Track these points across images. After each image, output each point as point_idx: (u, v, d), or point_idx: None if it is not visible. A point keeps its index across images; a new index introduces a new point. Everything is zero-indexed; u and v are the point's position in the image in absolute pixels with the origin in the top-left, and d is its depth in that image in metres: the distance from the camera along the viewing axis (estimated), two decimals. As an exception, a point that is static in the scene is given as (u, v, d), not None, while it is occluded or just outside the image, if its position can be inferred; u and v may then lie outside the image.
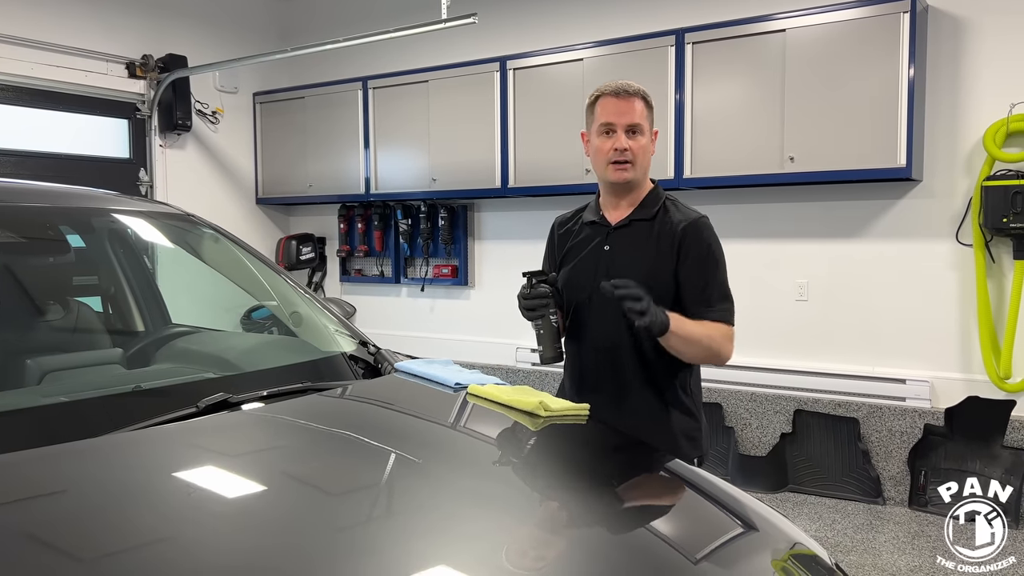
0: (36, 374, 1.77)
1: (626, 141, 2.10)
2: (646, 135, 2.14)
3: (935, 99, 4.06)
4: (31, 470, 1.39)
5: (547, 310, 2.09)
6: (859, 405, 4.28)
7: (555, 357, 2.13)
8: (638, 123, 2.11)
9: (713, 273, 2.11)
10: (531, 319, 2.12)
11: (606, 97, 2.13)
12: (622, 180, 2.14)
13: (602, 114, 2.13)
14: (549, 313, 2.09)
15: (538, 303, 2.10)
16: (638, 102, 2.12)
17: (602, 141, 2.14)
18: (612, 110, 2.11)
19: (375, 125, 5.56)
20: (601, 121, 2.13)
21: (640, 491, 1.77)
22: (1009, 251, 3.93)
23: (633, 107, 2.11)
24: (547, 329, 2.09)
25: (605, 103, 2.13)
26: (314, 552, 1.19)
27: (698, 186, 4.43)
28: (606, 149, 2.13)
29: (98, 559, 1.18)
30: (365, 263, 6.12)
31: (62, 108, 5.28)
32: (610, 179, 2.15)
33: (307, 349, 2.29)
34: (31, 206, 2.16)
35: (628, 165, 2.12)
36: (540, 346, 2.11)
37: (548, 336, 2.10)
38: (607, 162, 2.13)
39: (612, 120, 2.11)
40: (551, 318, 2.09)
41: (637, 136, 2.12)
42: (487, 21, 4.58)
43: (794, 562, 1.52)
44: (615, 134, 2.11)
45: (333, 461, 1.59)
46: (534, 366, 5.24)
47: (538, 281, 2.11)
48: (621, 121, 2.11)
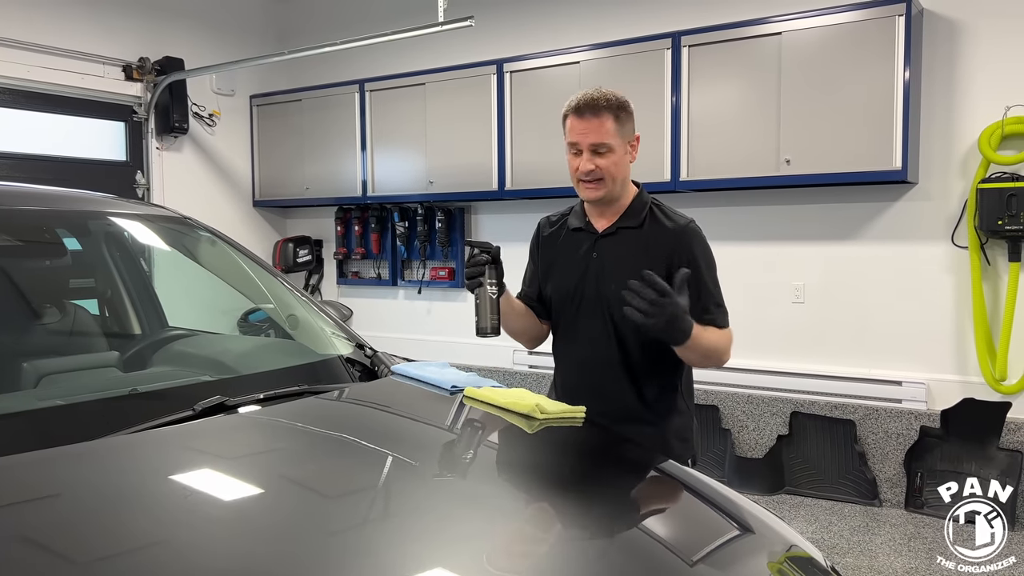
0: (32, 377, 1.77)
1: (591, 162, 2.07)
2: (616, 151, 2.08)
3: (930, 102, 4.08)
4: (27, 473, 1.39)
5: (484, 279, 2.07)
6: (855, 407, 4.29)
7: (490, 329, 2.08)
8: (603, 142, 2.06)
9: (707, 279, 2.11)
10: (469, 288, 2.11)
11: (571, 116, 2.10)
12: (593, 198, 2.13)
13: (569, 133, 2.11)
14: (487, 283, 2.07)
15: (475, 271, 2.08)
16: (606, 119, 2.05)
17: (571, 159, 2.12)
18: (577, 129, 2.08)
19: (372, 128, 5.56)
20: (568, 140, 2.12)
21: (636, 494, 1.77)
22: (1004, 253, 3.94)
23: (599, 126, 2.06)
24: (483, 299, 2.08)
25: (571, 122, 2.10)
26: (310, 556, 1.19)
27: (694, 188, 4.43)
28: (574, 167, 2.11)
29: (94, 563, 1.18)
30: (362, 266, 6.12)
31: (59, 111, 5.27)
32: (583, 197, 2.16)
33: (304, 352, 2.29)
34: (28, 209, 2.16)
35: (599, 183, 2.09)
36: (476, 315, 2.10)
37: (484, 307, 2.08)
38: (577, 180, 2.13)
39: (576, 140, 2.09)
40: (488, 289, 2.08)
41: (606, 154, 2.08)
42: (484, 24, 4.58)
43: (790, 564, 1.52)
44: (581, 154, 2.09)
45: (329, 464, 1.59)
46: (531, 368, 5.25)
47: (479, 251, 2.09)
48: (585, 141, 2.07)
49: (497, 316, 2.09)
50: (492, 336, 2.09)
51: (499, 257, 2.10)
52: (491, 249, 2.09)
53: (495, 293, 2.09)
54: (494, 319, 2.08)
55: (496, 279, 2.09)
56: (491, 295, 2.08)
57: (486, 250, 2.09)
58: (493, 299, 2.08)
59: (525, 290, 2.35)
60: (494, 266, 2.09)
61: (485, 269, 2.08)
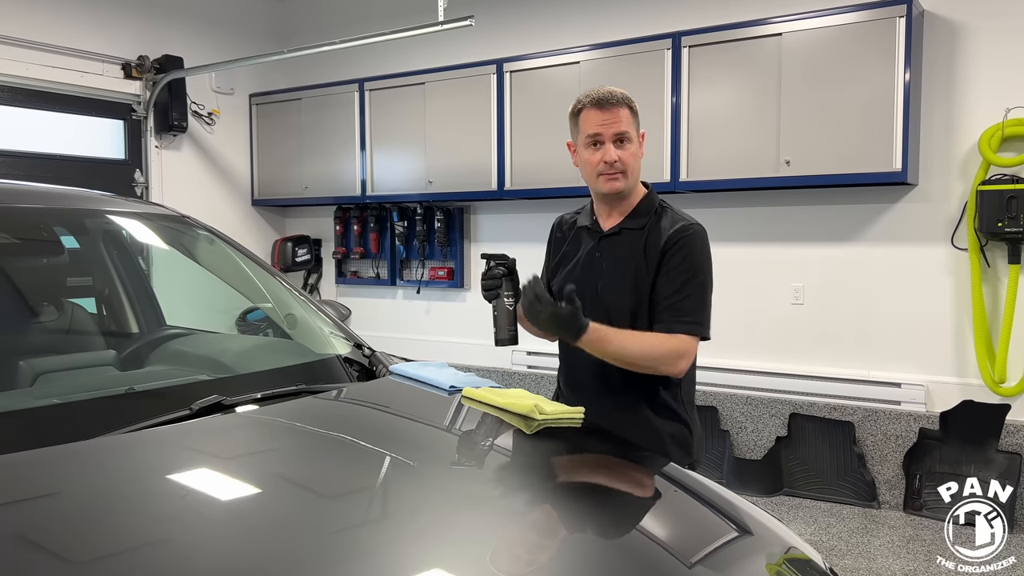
0: (29, 376, 1.77)
1: (615, 152, 2.07)
2: (635, 142, 2.10)
3: (931, 103, 4.07)
4: (23, 472, 1.39)
5: (500, 291, 2.10)
6: (854, 409, 4.29)
7: (508, 340, 2.11)
8: (625, 131, 2.07)
9: (687, 282, 2.04)
10: (487, 299, 2.13)
11: (589, 109, 2.09)
12: (614, 190, 2.11)
13: (587, 126, 2.09)
14: (504, 295, 2.10)
15: (491, 284, 2.10)
16: (623, 110, 2.06)
17: (591, 153, 2.10)
18: (597, 121, 2.07)
19: (371, 127, 5.55)
20: (587, 133, 2.09)
21: (634, 495, 1.77)
22: (1004, 255, 3.94)
23: (619, 116, 2.06)
24: (501, 311, 2.10)
25: (588, 115, 2.09)
26: (307, 556, 1.19)
27: (694, 190, 4.43)
28: (595, 161, 2.09)
29: (90, 562, 1.18)
30: (361, 265, 6.11)
31: (57, 109, 5.26)
32: (602, 190, 2.12)
33: (302, 351, 2.29)
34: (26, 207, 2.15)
35: (619, 175, 2.09)
36: (495, 327, 2.12)
37: (502, 318, 2.11)
38: (597, 174, 2.10)
39: (599, 131, 2.07)
40: (505, 300, 2.10)
41: (626, 145, 2.08)
42: (484, 23, 4.58)
43: (789, 566, 1.52)
44: (603, 146, 2.07)
45: (327, 464, 1.58)
46: (530, 369, 5.24)
47: (496, 264, 2.11)
48: (608, 132, 2.06)
49: (515, 326, 2.12)
50: (510, 345, 2.12)
51: (515, 268, 2.13)
52: (507, 261, 2.12)
53: (512, 304, 2.11)
54: (511, 329, 2.11)
55: (513, 290, 2.11)
56: (508, 306, 2.11)
57: (502, 263, 2.11)
58: (510, 310, 2.11)
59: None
60: (510, 277, 2.11)
61: (502, 282, 2.10)
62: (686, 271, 2.05)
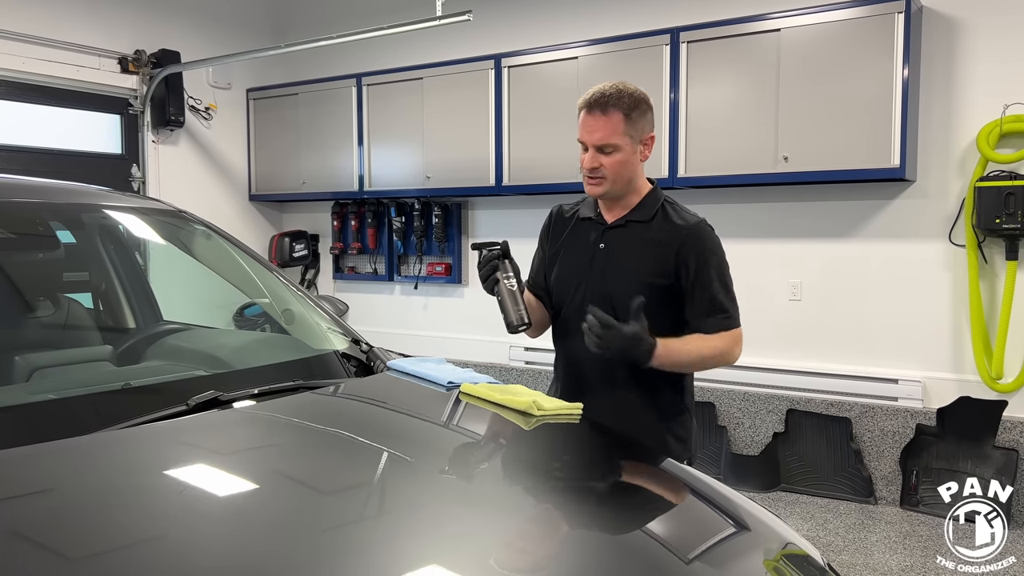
0: (25, 371, 1.76)
1: (595, 159, 2.07)
2: (624, 150, 2.07)
3: (929, 99, 4.07)
4: (18, 468, 1.38)
5: (499, 274, 2.06)
6: (851, 405, 4.29)
7: (518, 322, 2.06)
8: (608, 143, 2.05)
9: (714, 281, 2.08)
10: (488, 290, 2.10)
11: (583, 111, 2.10)
12: (594, 195, 2.14)
13: (579, 128, 2.11)
14: (503, 278, 2.06)
15: (488, 268, 2.07)
16: (614, 116, 2.05)
17: (581, 154, 2.13)
18: (585, 126, 2.09)
19: (369, 122, 5.54)
20: (578, 136, 2.12)
21: (632, 490, 1.76)
22: (1001, 252, 3.94)
23: (607, 124, 2.05)
24: (504, 294, 2.06)
25: (582, 117, 2.10)
26: (304, 552, 1.19)
27: (692, 185, 4.43)
28: (582, 164, 2.11)
29: (86, 559, 1.17)
30: (358, 260, 6.11)
31: (54, 103, 5.24)
32: (586, 191, 2.16)
33: (299, 347, 2.28)
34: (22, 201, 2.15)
35: (601, 180, 2.09)
36: (503, 313, 2.08)
37: (508, 301, 2.06)
38: (583, 175, 2.13)
39: (583, 139, 2.09)
40: (506, 283, 2.06)
41: (611, 153, 2.07)
42: (482, 18, 4.57)
43: (786, 562, 1.52)
44: (588, 151, 2.09)
45: (324, 460, 1.58)
46: (528, 364, 5.24)
47: (487, 251, 2.09)
48: (590, 140, 2.07)
49: (523, 306, 2.07)
50: (525, 329, 2.06)
51: (509, 250, 2.10)
52: (499, 244, 2.10)
53: (514, 285, 2.07)
54: (520, 311, 2.06)
55: (512, 270, 2.08)
56: (510, 287, 2.07)
57: (494, 247, 2.09)
58: (514, 291, 2.07)
59: (533, 276, 2.34)
60: (506, 260, 2.09)
61: (498, 264, 2.07)
62: (711, 271, 2.08)
